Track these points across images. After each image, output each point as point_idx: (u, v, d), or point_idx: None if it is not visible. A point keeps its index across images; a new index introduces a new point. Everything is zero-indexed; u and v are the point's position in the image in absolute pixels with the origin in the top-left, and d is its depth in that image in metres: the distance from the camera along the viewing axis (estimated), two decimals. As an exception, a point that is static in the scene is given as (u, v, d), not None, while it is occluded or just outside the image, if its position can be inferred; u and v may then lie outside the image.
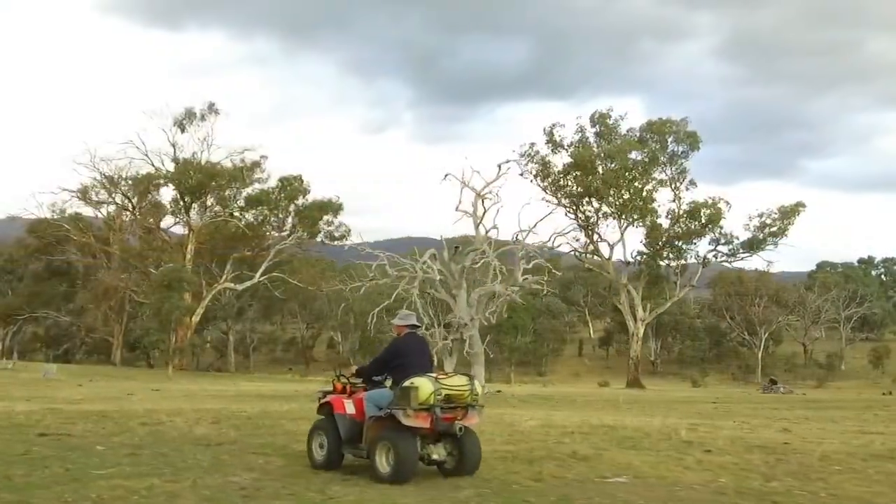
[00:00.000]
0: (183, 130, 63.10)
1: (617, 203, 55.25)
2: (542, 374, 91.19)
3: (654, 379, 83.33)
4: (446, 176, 35.53)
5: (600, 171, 53.99)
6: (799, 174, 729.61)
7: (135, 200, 66.71)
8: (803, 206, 56.24)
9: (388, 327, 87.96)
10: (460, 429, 8.97)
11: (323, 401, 10.13)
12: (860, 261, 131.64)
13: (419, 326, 10.42)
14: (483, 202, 34.46)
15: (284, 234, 68.58)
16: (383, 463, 8.86)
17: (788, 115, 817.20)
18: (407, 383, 8.89)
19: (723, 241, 57.84)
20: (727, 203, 55.81)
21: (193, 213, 65.15)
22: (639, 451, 11.61)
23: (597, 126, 57.89)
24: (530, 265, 35.27)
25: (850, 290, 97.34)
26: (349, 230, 68.08)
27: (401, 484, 8.58)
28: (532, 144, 59.17)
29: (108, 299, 63.15)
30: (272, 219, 66.36)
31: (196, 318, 62.43)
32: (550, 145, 58.50)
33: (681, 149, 56.74)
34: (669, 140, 56.51)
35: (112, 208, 68.15)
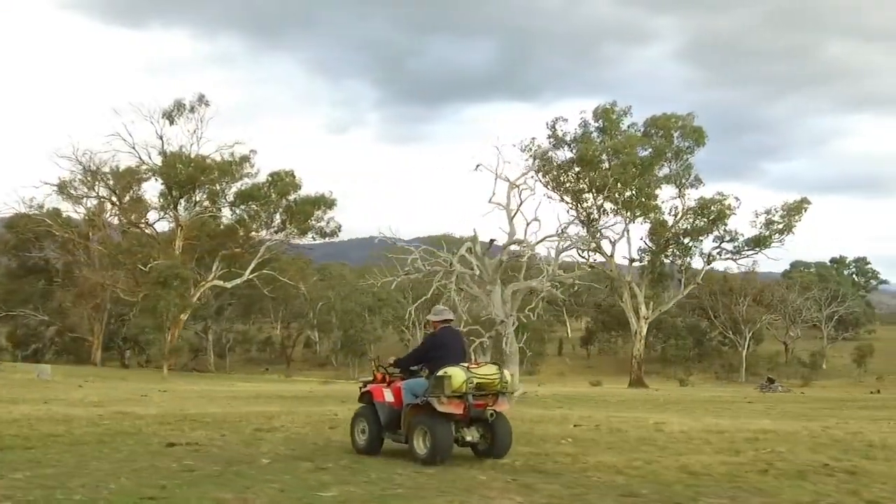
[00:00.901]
0: (172, 122, 60.89)
1: (622, 199, 54.12)
2: (531, 373, 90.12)
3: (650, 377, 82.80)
4: (477, 167, 34.02)
5: (606, 167, 52.81)
6: (759, 176, 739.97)
7: (119, 194, 64.12)
8: (808, 202, 55.75)
9: (370, 327, 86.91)
10: (491, 414, 9.71)
11: (364, 390, 10.90)
12: (832, 260, 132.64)
13: (452, 321, 11.01)
14: (520, 193, 32.93)
15: (272, 230, 66.50)
16: (420, 446, 9.58)
17: (749, 117, 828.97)
18: (441, 373, 9.57)
19: (727, 238, 57.21)
20: (736, 199, 55.14)
21: (181, 209, 62.84)
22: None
23: (600, 121, 56.84)
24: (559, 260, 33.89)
25: (831, 290, 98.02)
26: (339, 226, 66.47)
27: (436, 465, 9.17)
28: (533, 139, 58.06)
29: (94, 297, 60.59)
30: (263, 214, 64.07)
31: (184, 317, 60.16)
32: (552, 140, 57.39)
33: (686, 144, 55.91)
34: (676, 135, 55.64)
35: (93, 202, 65.50)
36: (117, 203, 64.57)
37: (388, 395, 10.41)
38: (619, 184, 51.15)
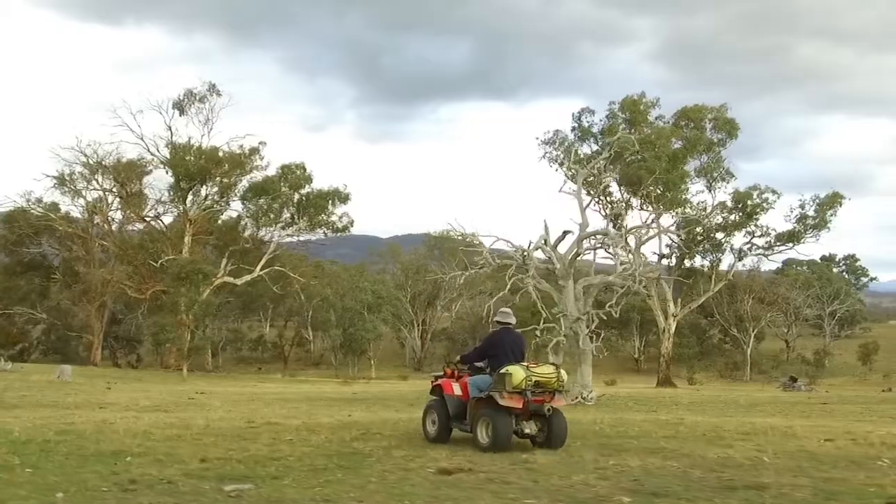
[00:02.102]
0: (182, 112, 58.33)
1: (654, 193, 52.42)
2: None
3: (639, 377, 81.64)
4: (544, 155, 32.23)
5: (640, 159, 50.99)
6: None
7: (124, 187, 61.41)
8: (842, 196, 54.43)
9: (370, 325, 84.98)
10: (548, 409, 10.63)
11: (435, 384, 11.91)
12: (822, 258, 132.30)
13: (511, 324, 11.74)
14: (601, 182, 31.05)
15: (280, 224, 64.00)
16: (483, 436, 10.48)
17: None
18: (503, 370, 10.54)
19: (758, 233, 55.71)
20: (774, 192, 53.60)
21: (190, 202, 60.34)
22: None
23: (626, 112, 55.23)
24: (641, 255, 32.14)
25: (833, 287, 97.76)
26: (352, 221, 64.35)
27: (498, 452, 9.93)
28: (557, 132, 56.37)
29: (102, 294, 57.92)
30: (276, 207, 61.55)
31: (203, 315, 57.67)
32: (578, 132, 55.71)
33: (717, 137, 54.33)
34: (708, 127, 54.08)
35: (96, 195, 62.65)
36: (124, 196, 61.79)
37: (457, 389, 11.38)
38: (652, 177, 49.40)
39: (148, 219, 63.76)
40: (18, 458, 9.06)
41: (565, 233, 30.29)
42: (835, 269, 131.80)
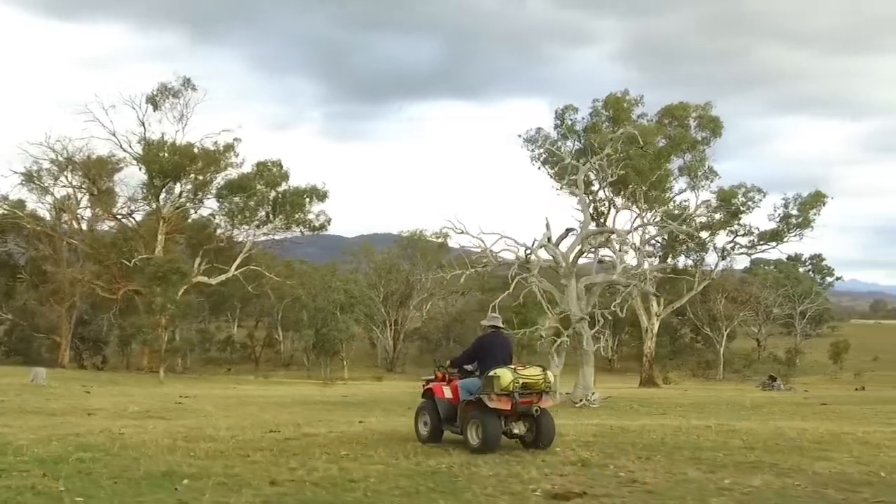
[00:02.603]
0: (156, 108, 56.54)
1: (640, 192, 51.83)
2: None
3: (613, 377, 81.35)
4: (536, 156, 31.32)
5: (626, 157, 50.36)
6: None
7: (96, 184, 59.37)
8: (825, 196, 54.28)
9: (343, 325, 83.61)
10: (536, 410, 10.85)
11: (426, 387, 12.14)
12: (789, 258, 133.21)
13: (501, 328, 12.14)
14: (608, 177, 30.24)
15: (255, 223, 62.38)
16: (473, 437, 10.77)
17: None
18: (491, 373, 10.78)
19: (741, 232, 55.39)
20: (760, 191, 53.24)
21: (163, 199, 58.56)
22: None
23: (610, 110, 54.59)
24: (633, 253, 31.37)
25: (803, 286, 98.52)
26: (329, 219, 63.04)
27: (487, 453, 10.33)
28: (539, 129, 55.63)
29: (71, 295, 55.92)
30: (251, 205, 59.89)
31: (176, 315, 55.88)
32: (561, 129, 54.95)
33: (701, 135, 53.88)
34: (693, 125, 53.62)
35: (63, 192, 60.52)
36: (95, 193, 59.72)
37: (447, 392, 11.62)
38: (639, 176, 48.77)
39: (119, 216, 61.79)
40: (61, 484, 7.93)
41: (568, 230, 29.50)
42: (801, 269, 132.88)
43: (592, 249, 29.87)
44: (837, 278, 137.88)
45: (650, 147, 49.96)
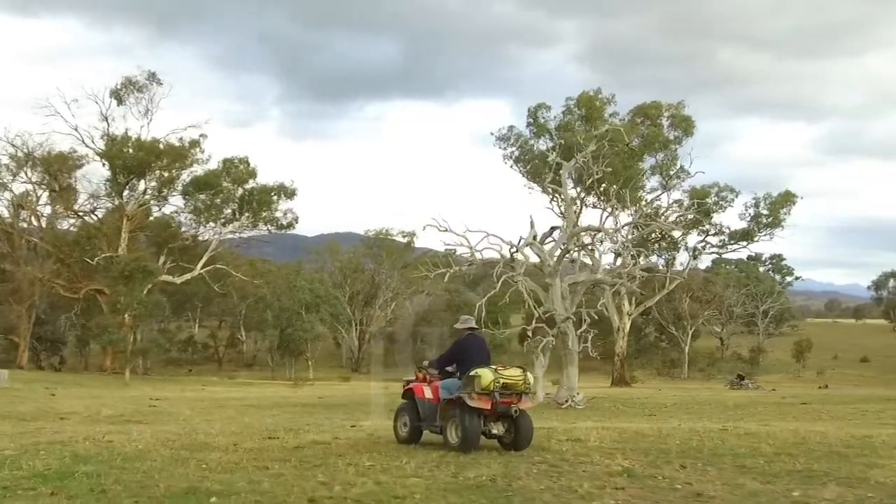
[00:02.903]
0: (120, 102, 55.04)
1: (613, 191, 51.52)
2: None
3: (581, 377, 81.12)
4: (510, 156, 30.78)
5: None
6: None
7: (57, 180, 57.64)
8: (794, 195, 54.54)
9: (308, 325, 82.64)
10: (515, 411, 10.91)
11: (407, 388, 12.25)
12: (749, 258, 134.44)
13: (476, 329, 12.40)
14: (585, 177, 29.77)
15: (221, 221, 61.08)
16: (453, 436, 10.92)
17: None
18: (472, 373, 10.87)
19: (712, 231, 55.46)
20: (733, 190, 53.29)
21: (127, 196, 56.99)
22: None
23: (582, 109, 54.33)
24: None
25: (765, 286, 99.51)
26: (297, 217, 62.04)
27: (466, 452, 10.48)
28: (511, 127, 55.41)
29: (31, 294, 54.21)
30: (217, 202, 58.59)
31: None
32: (534, 128, 54.64)
33: (673, 135, 53.79)
34: (666, 124, 53.50)
35: (21, 188, 58.71)
36: (56, 189, 57.99)
37: (428, 392, 11.70)
38: (613, 175, 48.54)
39: (81, 213, 60.11)
40: (78, 505, 7.16)
41: (553, 228, 29.08)
42: (761, 269, 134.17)
43: (576, 249, 29.39)
44: (797, 278, 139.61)
45: (631, 145, 49.83)
